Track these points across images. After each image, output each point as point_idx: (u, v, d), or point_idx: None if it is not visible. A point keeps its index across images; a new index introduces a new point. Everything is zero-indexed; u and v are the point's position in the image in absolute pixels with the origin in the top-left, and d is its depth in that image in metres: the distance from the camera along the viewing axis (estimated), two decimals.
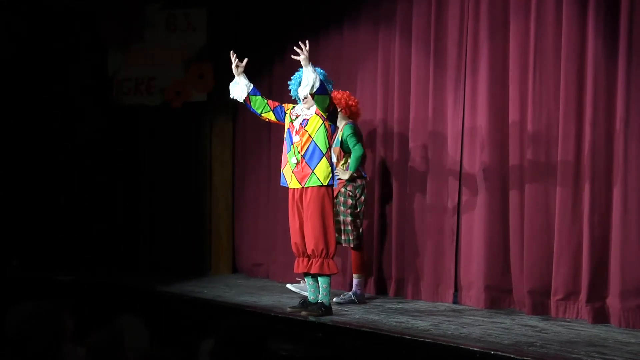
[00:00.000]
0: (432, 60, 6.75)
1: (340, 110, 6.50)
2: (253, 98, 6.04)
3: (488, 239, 6.28)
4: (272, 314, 5.97)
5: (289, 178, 5.90)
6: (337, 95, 6.60)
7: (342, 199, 6.58)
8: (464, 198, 6.54)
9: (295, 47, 5.67)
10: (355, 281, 6.62)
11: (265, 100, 6.05)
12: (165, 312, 6.76)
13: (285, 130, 6.00)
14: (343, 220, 6.56)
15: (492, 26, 6.31)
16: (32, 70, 9.00)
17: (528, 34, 6.05)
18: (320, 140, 5.80)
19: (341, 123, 6.54)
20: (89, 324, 3.19)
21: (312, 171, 5.77)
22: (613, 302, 5.47)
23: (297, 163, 5.83)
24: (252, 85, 6.04)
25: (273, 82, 8.25)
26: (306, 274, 6.00)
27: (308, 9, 8.04)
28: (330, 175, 5.82)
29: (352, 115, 6.75)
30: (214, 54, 8.75)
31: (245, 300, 6.83)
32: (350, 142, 6.55)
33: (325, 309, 5.83)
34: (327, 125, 5.83)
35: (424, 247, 6.74)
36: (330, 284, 5.92)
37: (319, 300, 5.88)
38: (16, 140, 8.98)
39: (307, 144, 5.80)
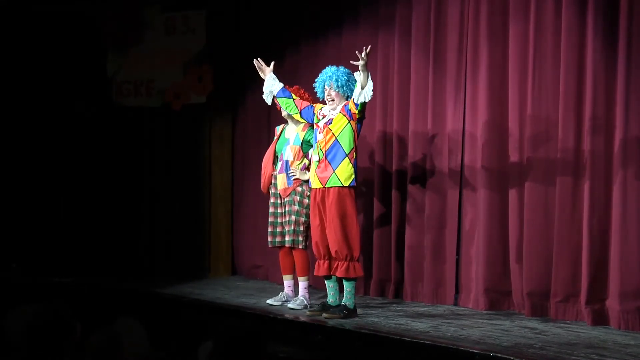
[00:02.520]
0: (432, 63, 6.74)
1: None
2: (280, 100, 6.10)
3: (487, 241, 6.27)
4: (272, 315, 5.97)
5: (312, 177, 5.89)
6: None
7: (298, 198, 6.36)
8: (464, 200, 6.54)
9: (357, 52, 5.58)
10: (304, 284, 6.39)
11: (294, 102, 6.07)
12: (164, 314, 6.76)
13: (313, 130, 6.02)
14: (296, 220, 6.34)
15: (491, 29, 6.30)
16: (32, 72, 8.99)
17: (527, 36, 6.05)
18: (345, 140, 5.75)
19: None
20: (88, 326, 3.18)
21: (334, 171, 5.74)
22: (612, 304, 5.47)
23: (319, 161, 5.80)
24: (280, 87, 6.07)
25: None
26: (326, 277, 5.93)
27: (307, 12, 8.02)
28: (353, 176, 5.75)
29: None
30: (213, 57, 8.76)
31: (244, 302, 6.82)
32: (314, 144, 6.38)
33: (349, 311, 5.78)
34: (353, 126, 5.79)
35: (423, 249, 6.73)
36: (355, 287, 5.88)
37: (343, 303, 5.82)
38: (16, 143, 8.98)
39: (330, 142, 5.76)
